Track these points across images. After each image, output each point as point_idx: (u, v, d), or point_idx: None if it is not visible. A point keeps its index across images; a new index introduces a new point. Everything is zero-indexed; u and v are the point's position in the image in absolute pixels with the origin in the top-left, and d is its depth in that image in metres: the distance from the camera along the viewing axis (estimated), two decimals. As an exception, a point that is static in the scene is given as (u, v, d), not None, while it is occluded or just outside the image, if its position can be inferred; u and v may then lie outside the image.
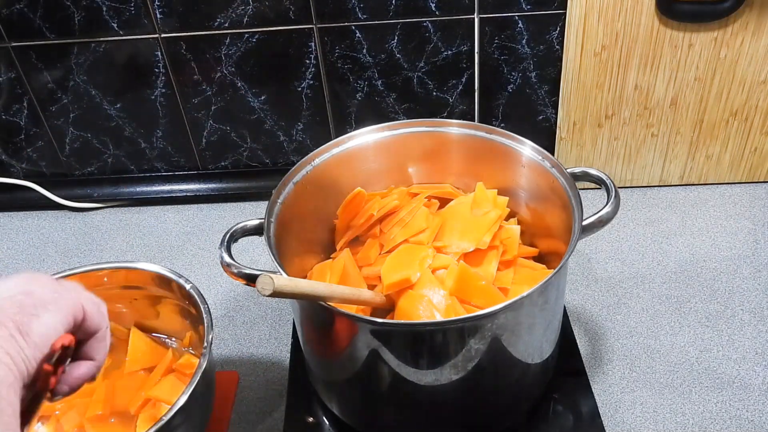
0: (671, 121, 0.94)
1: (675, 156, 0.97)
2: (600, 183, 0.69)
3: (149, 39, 0.92)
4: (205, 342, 0.63)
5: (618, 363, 0.76)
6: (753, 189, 0.99)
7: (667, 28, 0.86)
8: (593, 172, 0.70)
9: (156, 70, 0.95)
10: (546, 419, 0.70)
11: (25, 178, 1.07)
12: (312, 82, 0.95)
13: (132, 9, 0.90)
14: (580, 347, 0.77)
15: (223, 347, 0.82)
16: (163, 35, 0.92)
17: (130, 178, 1.06)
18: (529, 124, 0.98)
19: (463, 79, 0.94)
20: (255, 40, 0.92)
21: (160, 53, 0.93)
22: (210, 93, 0.97)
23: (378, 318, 0.65)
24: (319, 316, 0.62)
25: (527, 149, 0.72)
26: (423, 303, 0.65)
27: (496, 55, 0.92)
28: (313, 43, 0.92)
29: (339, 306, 0.59)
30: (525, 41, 0.91)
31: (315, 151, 0.74)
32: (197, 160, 1.05)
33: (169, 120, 1.00)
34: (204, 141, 1.02)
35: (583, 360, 0.76)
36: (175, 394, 0.62)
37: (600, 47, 0.88)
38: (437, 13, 0.89)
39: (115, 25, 0.91)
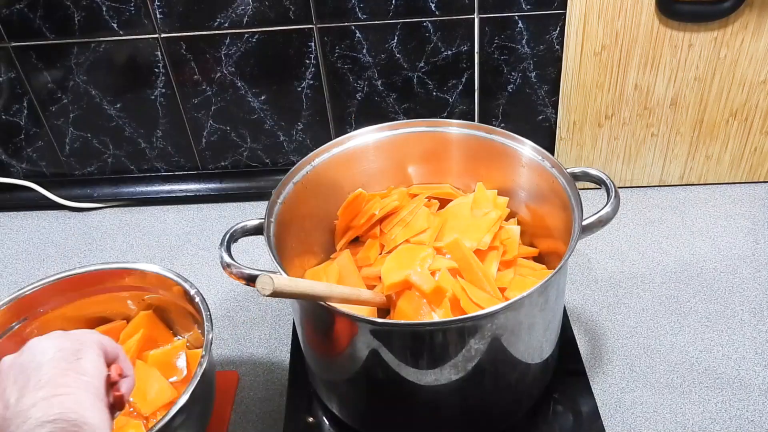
0: (671, 121, 0.94)
1: (675, 156, 0.97)
2: (600, 183, 0.69)
3: (149, 39, 0.92)
4: (205, 342, 0.64)
5: (618, 363, 0.76)
6: (753, 189, 0.99)
7: (667, 28, 0.86)
8: (593, 172, 0.70)
9: (156, 70, 0.95)
10: (546, 419, 0.70)
11: (25, 178, 1.07)
12: (312, 82, 0.95)
13: (132, 9, 0.90)
14: (580, 347, 0.77)
15: (223, 347, 0.82)
16: (163, 35, 0.92)
17: (130, 178, 1.06)
18: (529, 124, 0.98)
19: (463, 79, 0.94)
20: (255, 40, 0.92)
21: (160, 53, 0.93)
22: (210, 93, 0.97)
23: (378, 318, 0.65)
24: (319, 316, 0.62)
25: (527, 149, 0.72)
26: (423, 303, 0.65)
27: (496, 55, 0.92)
28: (313, 43, 0.92)
29: (339, 306, 0.59)
30: (525, 41, 0.91)
31: (315, 151, 0.74)
32: (197, 160, 1.05)
33: (169, 120, 1.00)
34: (204, 141, 1.02)
35: (583, 360, 0.76)
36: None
37: (600, 47, 0.88)
38: (437, 13, 0.89)
39: (115, 25, 0.91)
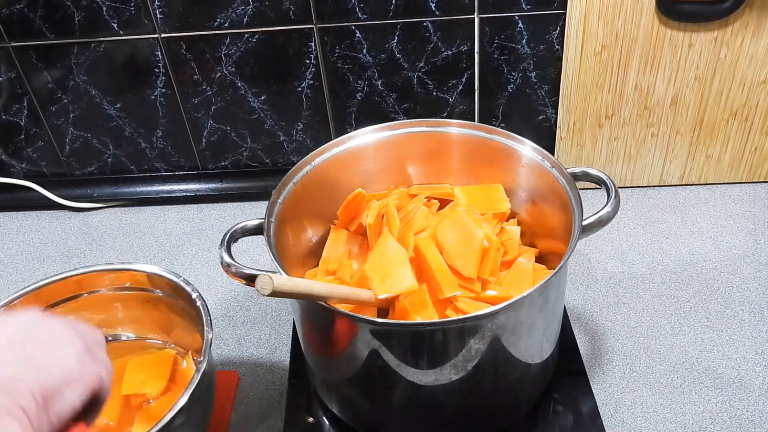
0: (671, 121, 0.94)
1: (675, 156, 0.97)
2: (600, 183, 0.69)
3: (149, 39, 0.92)
4: (205, 342, 0.64)
5: (618, 363, 0.76)
6: (753, 189, 0.99)
7: (667, 28, 0.86)
8: (593, 172, 0.70)
9: (156, 70, 0.95)
10: (546, 419, 0.70)
11: (25, 178, 1.07)
12: (312, 82, 0.95)
13: (132, 9, 0.90)
14: (580, 347, 0.77)
15: (223, 347, 0.82)
16: (163, 35, 0.92)
17: (130, 178, 1.06)
18: (529, 124, 0.98)
19: (463, 79, 0.94)
20: (255, 40, 0.92)
21: (160, 53, 0.93)
22: (210, 93, 0.97)
23: (378, 318, 0.65)
24: (319, 316, 0.62)
25: (527, 149, 0.72)
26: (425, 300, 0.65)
27: (496, 55, 0.92)
28: (313, 43, 0.92)
29: (338, 306, 0.59)
30: (525, 41, 0.91)
31: (315, 151, 0.74)
32: (197, 160, 1.05)
33: (169, 120, 1.00)
34: (204, 141, 1.02)
35: (583, 360, 0.76)
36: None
37: (600, 47, 0.88)
38: (437, 13, 0.89)
39: (115, 25, 0.91)
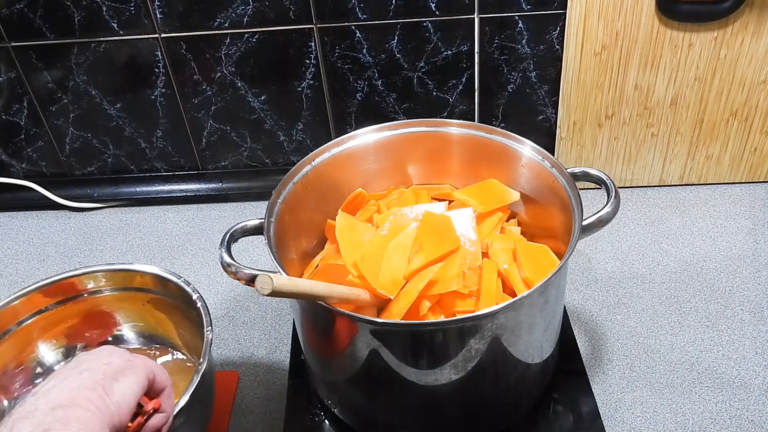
0: (671, 121, 0.94)
1: (675, 156, 0.97)
2: (600, 183, 0.69)
3: (149, 39, 0.92)
4: (205, 342, 0.63)
5: (618, 363, 0.76)
6: (753, 189, 0.99)
7: (667, 28, 0.86)
8: (593, 172, 0.69)
9: (156, 70, 0.95)
10: (546, 419, 0.70)
11: (25, 178, 1.07)
12: (312, 82, 0.95)
13: (132, 9, 0.90)
14: (580, 347, 0.77)
15: (223, 347, 0.82)
16: (163, 35, 0.92)
17: (130, 178, 1.06)
18: (529, 124, 0.98)
19: (463, 79, 0.94)
20: (255, 40, 0.92)
21: (160, 53, 0.93)
22: (210, 93, 0.97)
23: (378, 318, 0.65)
24: (319, 316, 0.62)
25: (527, 149, 0.72)
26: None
27: (496, 55, 0.92)
28: (313, 43, 0.92)
29: (338, 306, 0.59)
30: (525, 41, 0.91)
31: (315, 151, 0.74)
32: (197, 160, 1.05)
33: (169, 120, 1.00)
34: (204, 141, 1.02)
35: (583, 360, 0.76)
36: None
37: (600, 47, 0.88)
38: (437, 13, 0.89)
39: (115, 25, 0.91)
